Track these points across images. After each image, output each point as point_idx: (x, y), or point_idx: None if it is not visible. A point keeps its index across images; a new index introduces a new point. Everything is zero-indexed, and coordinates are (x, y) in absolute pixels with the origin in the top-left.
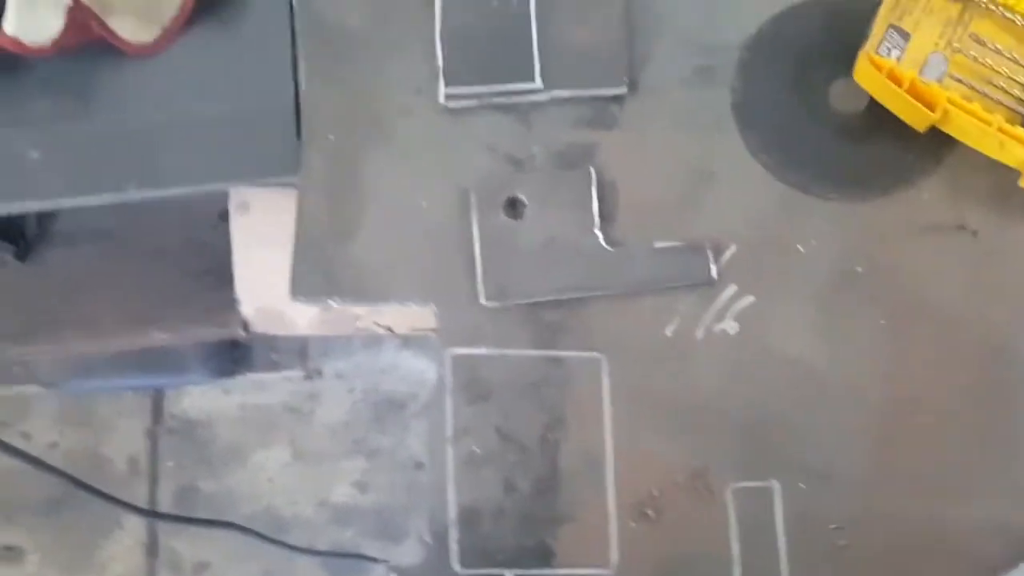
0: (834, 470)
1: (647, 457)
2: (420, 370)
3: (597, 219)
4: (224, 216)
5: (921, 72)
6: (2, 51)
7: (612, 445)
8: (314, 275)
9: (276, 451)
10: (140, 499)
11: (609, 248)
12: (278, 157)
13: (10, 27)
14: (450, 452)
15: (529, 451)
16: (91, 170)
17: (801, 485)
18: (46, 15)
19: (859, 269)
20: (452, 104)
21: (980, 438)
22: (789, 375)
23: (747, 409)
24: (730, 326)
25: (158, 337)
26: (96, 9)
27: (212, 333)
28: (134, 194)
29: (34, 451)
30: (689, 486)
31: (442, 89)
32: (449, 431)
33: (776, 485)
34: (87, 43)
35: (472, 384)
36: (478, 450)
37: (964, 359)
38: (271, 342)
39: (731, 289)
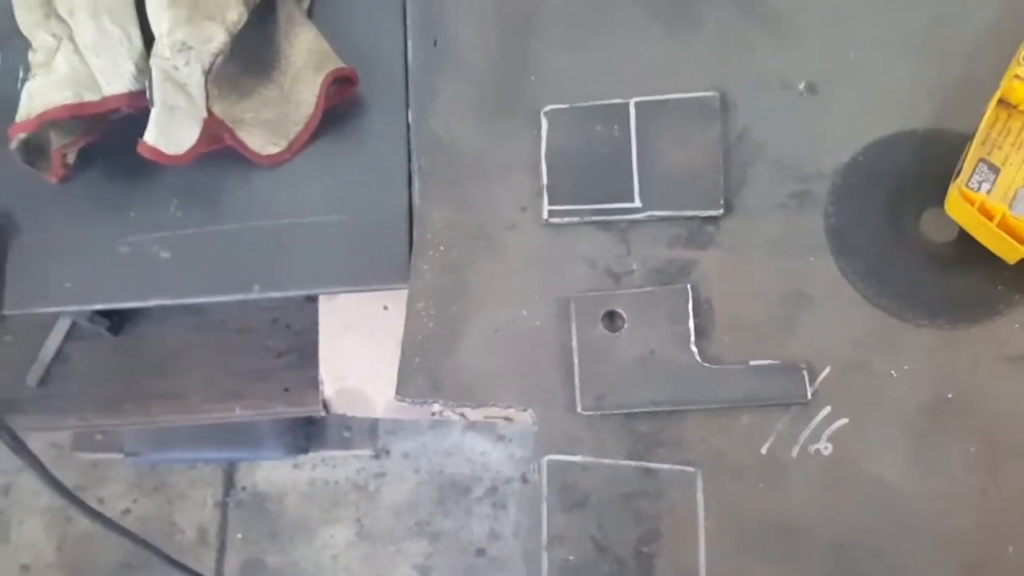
0: None
1: None
2: (483, 451)
3: (693, 335)
4: (310, 298)
5: (1012, 206)
6: (139, 156)
7: (706, 562)
8: (419, 377)
9: (342, 528)
10: (208, 570)
11: (705, 364)
12: (392, 266)
13: (151, 137)
14: (545, 559)
15: (624, 563)
16: (217, 271)
17: None
18: (184, 126)
19: (950, 396)
20: (555, 220)
21: None
22: (880, 498)
23: (838, 532)
24: (824, 447)
25: (241, 413)
26: (228, 122)
27: (292, 411)
28: (256, 295)
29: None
30: None
31: (546, 206)
32: (544, 538)
33: None
34: (219, 152)
35: (567, 491)
36: (573, 559)
37: None
38: (344, 420)
39: (826, 410)
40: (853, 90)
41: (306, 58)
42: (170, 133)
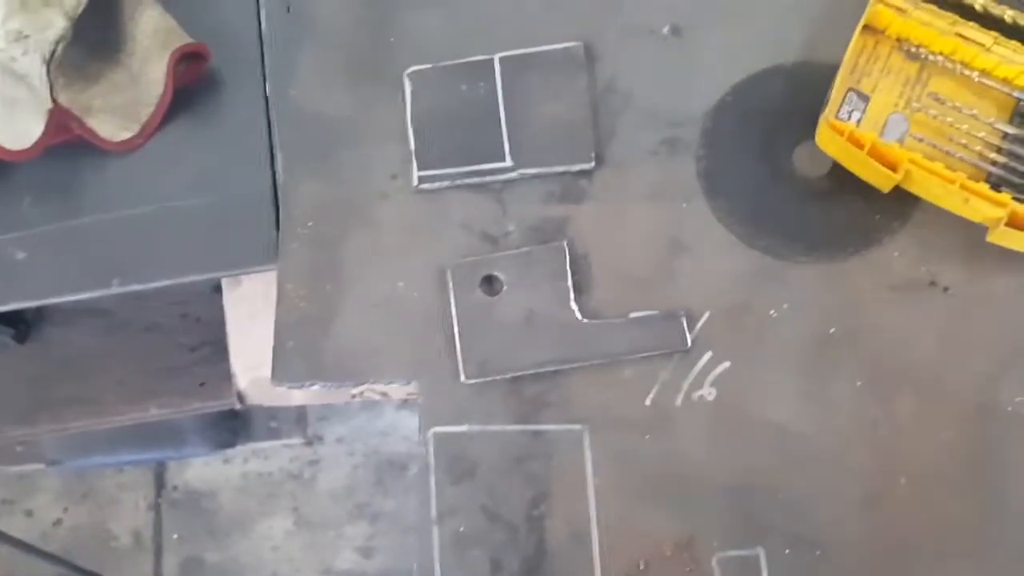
0: (819, 535)
1: (633, 529)
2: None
3: (572, 292)
4: (217, 289)
5: (882, 133)
6: None
7: (597, 518)
8: (296, 360)
9: (279, 519)
10: (145, 573)
11: (585, 320)
12: (258, 247)
13: None
14: (436, 533)
15: (516, 529)
16: (75, 268)
17: (786, 551)
18: (27, 119)
19: (833, 331)
20: (426, 186)
21: (965, 496)
22: (769, 440)
23: (729, 476)
24: (708, 392)
25: (157, 412)
26: (76, 110)
27: (209, 406)
28: (117, 289)
29: (38, 529)
30: (676, 557)
31: (415, 172)
32: (434, 512)
33: (762, 552)
34: (68, 143)
35: (455, 462)
36: (464, 530)
37: (944, 416)
38: (270, 411)
39: (707, 355)
40: (718, 30)
41: (152, 37)
42: (13, 127)
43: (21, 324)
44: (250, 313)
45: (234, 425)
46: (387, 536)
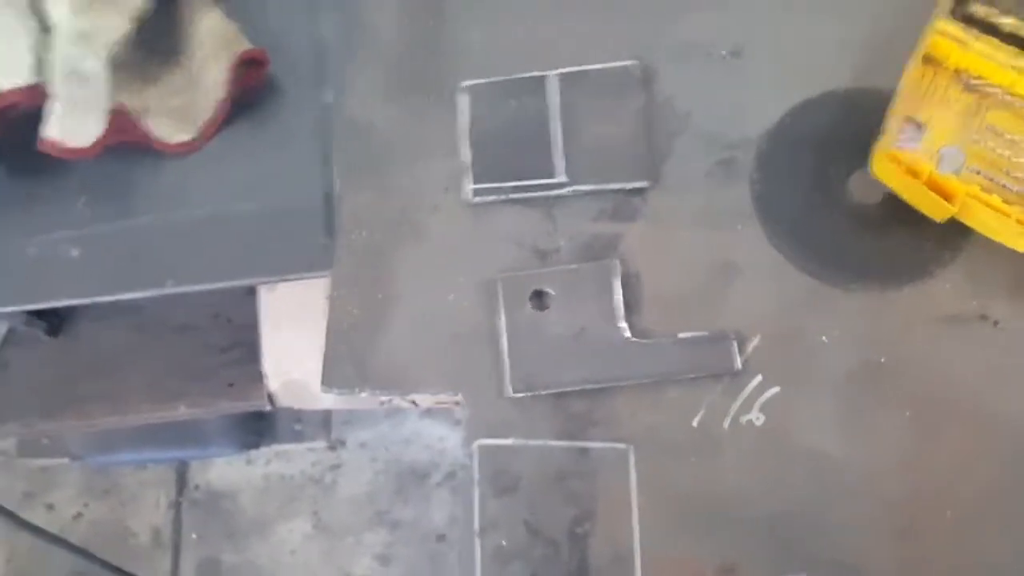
0: (861, 563)
1: (675, 553)
2: (441, 437)
3: (621, 310)
4: (251, 291)
5: (939, 165)
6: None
7: (640, 539)
8: (345, 367)
9: (299, 523)
10: (163, 571)
11: (634, 339)
12: (310, 253)
13: (52, 131)
14: (478, 546)
15: (557, 545)
16: (128, 267)
17: None
18: (87, 118)
19: (882, 360)
20: (478, 200)
21: (1006, 533)
22: (814, 467)
23: (774, 502)
24: (757, 417)
25: (185, 411)
26: (134, 111)
27: (238, 407)
28: (170, 290)
29: (58, 523)
30: None
31: (468, 186)
32: (476, 524)
33: None
34: (126, 144)
35: (499, 475)
36: (506, 544)
37: (989, 451)
38: (295, 413)
39: (756, 379)
40: (776, 54)
41: (212, 41)
42: (73, 126)
43: (54, 318)
44: (284, 317)
45: (259, 426)
46: (405, 545)
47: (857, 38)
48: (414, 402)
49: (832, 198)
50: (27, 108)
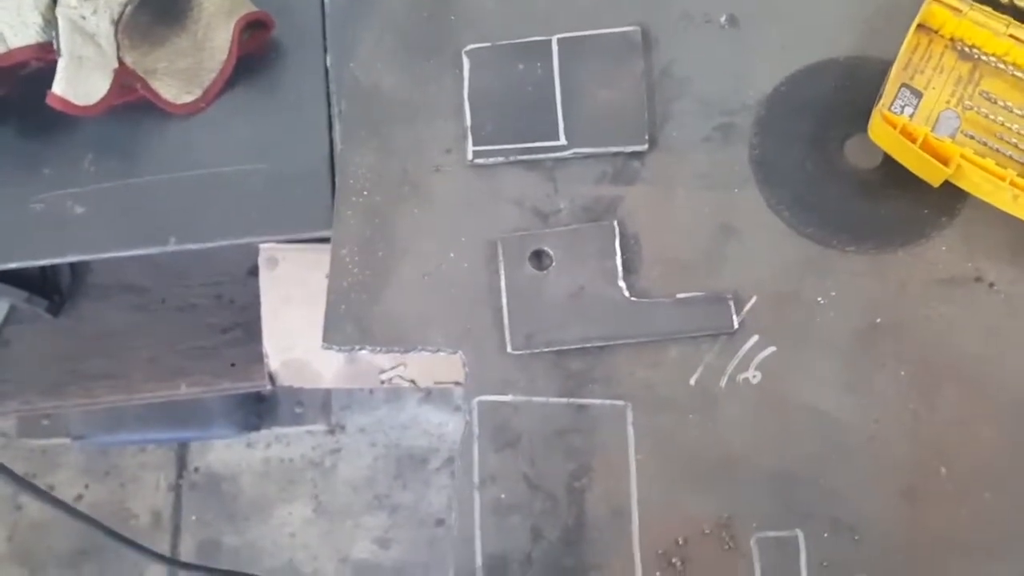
0: (858, 520)
1: (672, 506)
2: (440, 423)
3: (621, 270)
4: (252, 272)
5: (934, 129)
6: (52, 111)
7: (637, 494)
8: (346, 324)
9: (299, 506)
10: (162, 553)
11: (633, 298)
12: (314, 212)
13: (59, 88)
14: (477, 499)
15: (556, 499)
16: (132, 225)
17: (825, 535)
18: (93, 77)
19: (879, 321)
20: (480, 161)
21: (1004, 492)
22: (811, 425)
23: (771, 459)
24: (753, 375)
25: (187, 390)
26: (140, 71)
27: (239, 386)
28: (173, 247)
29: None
30: (714, 535)
31: (470, 147)
32: (476, 478)
33: (800, 534)
34: (131, 103)
35: (499, 431)
36: (505, 497)
37: (985, 410)
38: (295, 396)
39: (753, 339)
40: (774, 22)
41: (218, 4)
42: (79, 84)
43: (56, 296)
44: (285, 296)
45: (260, 408)
46: (404, 528)
47: (855, 8)
48: (413, 381)
49: (829, 162)
50: (36, 66)
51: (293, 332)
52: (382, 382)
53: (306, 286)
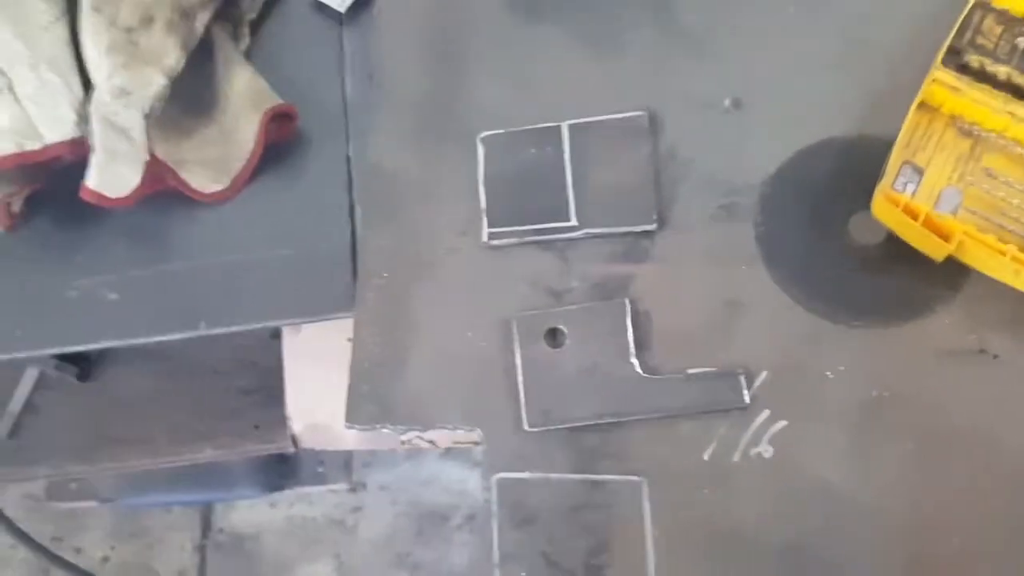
0: None
1: None
2: (460, 479)
3: (633, 347)
4: (275, 335)
5: (936, 205)
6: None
7: (655, 570)
8: (368, 404)
9: (321, 565)
10: None
11: (645, 375)
12: (336, 295)
13: (93, 182)
14: None
15: None
16: (164, 310)
17: None
18: (125, 170)
19: (886, 394)
20: (494, 243)
21: (1011, 561)
22: (822, 498)
23: (783, 532)
24: (766, 450)
25: (211, 453)
26: (170, 163)
27: (263, 448)
28: (204, 331)
29: (86, 566)
30: None
31: (485, 229)
32: (496, 556)
33: None
34: (162, 193)
35: (517, 508)
36: (524, 575)
37: (993, 484)
38: (317, 455)
39: (764, 413)
40: (777, 104)
41: (245, 97)
42: (112, 177)
43: (84, 363)
44: (307, 360)
45: (283, 469)
46: None
47: (856, 89)
48: (433, 442)
49: (834, 239)
50: (70, 160)
51: (315, 396)
52: (403, 442)
53: (329, 350)
